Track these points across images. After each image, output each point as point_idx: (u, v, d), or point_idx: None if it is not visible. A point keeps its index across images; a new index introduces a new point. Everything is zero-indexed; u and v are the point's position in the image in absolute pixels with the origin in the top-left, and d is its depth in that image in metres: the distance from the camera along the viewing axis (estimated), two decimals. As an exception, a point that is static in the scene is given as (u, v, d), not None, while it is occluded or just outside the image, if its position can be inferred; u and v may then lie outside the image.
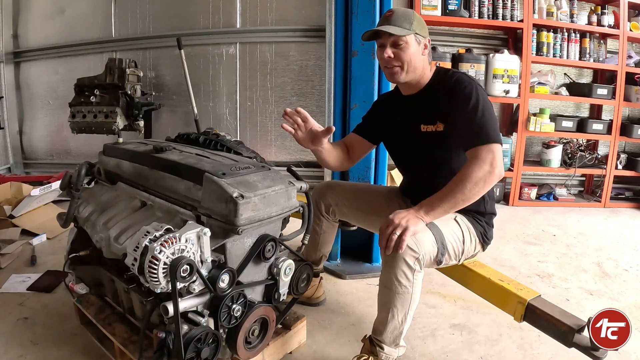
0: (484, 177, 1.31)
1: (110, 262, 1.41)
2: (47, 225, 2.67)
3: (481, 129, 1.35)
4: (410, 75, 1.47)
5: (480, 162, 1.32)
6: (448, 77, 1.46)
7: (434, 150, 1.49)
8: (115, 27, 3.94)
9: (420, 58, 1.46)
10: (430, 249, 1.33)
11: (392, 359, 1.39)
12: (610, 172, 3.63)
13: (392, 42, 1.43)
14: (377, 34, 1.45)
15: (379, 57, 1.50)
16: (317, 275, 1.90)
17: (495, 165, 1.33)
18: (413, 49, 1.43)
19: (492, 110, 1.40)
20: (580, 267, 2.40)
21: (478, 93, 1.38)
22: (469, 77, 1.44)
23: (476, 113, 1.36)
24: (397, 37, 1.41)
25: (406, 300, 1.32)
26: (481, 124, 1.35)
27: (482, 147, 1.33)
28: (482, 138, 1.34)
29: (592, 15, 3.58)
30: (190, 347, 1.12)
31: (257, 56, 3.76)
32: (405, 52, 1.43)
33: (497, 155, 1.34)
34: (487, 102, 1.39)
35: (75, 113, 3.36)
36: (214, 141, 1.63)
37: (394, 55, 1.43)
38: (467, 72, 1.51)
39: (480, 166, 1.32)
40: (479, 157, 1.33)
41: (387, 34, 1.42)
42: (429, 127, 1.47)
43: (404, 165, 1.69)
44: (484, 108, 1.36)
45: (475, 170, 1.31)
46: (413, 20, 1.44)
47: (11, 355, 1.51)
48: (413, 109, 1.53)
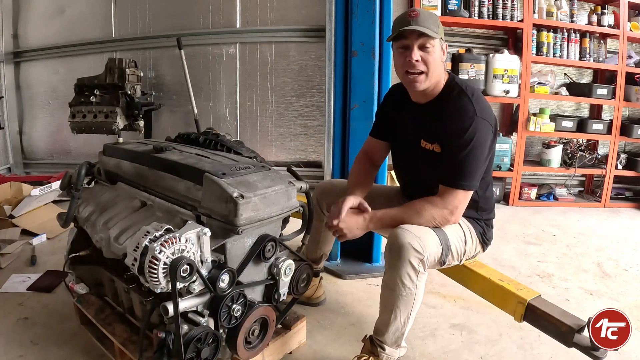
0: (439, 219, 1.35)
1: (110, 262, 1.41)
2: (47, 225, 2.67)
3: (458, 170, 1.32)
4: (430, 82, 1.37)
5: (443, 204, 1.34)
6: (458, 97, 1.37)
7: (430, 167, 1.44)
8: (115, 27, 3.93)
9: (441, 65, 1.38)
10: (435, 250, 1.33)
11: (393, 359, 1.39)
12: (610, 172, 3.63)
13: (420, 44, 1.32)
14: (400, 35, 1.33)
15: (400, 61, 1.37)
16: (317, 275, 1.89)
17: (455, 213, 1.35)
18: (438, 54, 1.35)
19: (483, 151, 1.34)
20: (580, 267, 2.40)
21: (476, 130, 1.31)
22: (476, 106, 1.33)
23: (462, 150, 1.31)
24: (427, 38, 1.31)
25: (409, 302, 1.31)
26: (462, 164, 1.32)
27: (450, 190, 1.34)
28: (455, 180, 1.33)
29: (592, 15, 3.58)
30: (190, 347, 1.12)
31: (257, 56, 3.76)
32: (432, 56, 1.33)
33: (462, 204, 1.34)
34: (480, 142, 1.31)
35: (75, 113, 3.36)
36: (214, 141, 1.63)
37: (421, 59, 1.33)
38: (478, 94, 1.39)
39: (440, 209, 1.34)
40: (443, 199, 1.34)
41: (415, 35, 1.31)
42: (428, 145, 1.43)
43: (400, 169, 1.67)
44: (473, 147, 1.31)
45: (433, 210, 1.34)
46: (439, 23, 1.36)
47: (11, 355, 1.51)
48: (418, 120, 1.47)
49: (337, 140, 2.24)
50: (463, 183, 1.33)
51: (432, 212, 1.34)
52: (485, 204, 1.52)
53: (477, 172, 1.34)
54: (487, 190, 1.52)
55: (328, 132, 3.01)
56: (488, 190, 1.53)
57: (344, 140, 2.22)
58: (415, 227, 1.32)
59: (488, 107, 1.37)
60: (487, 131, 1.33)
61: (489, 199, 1.54)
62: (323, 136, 3.52)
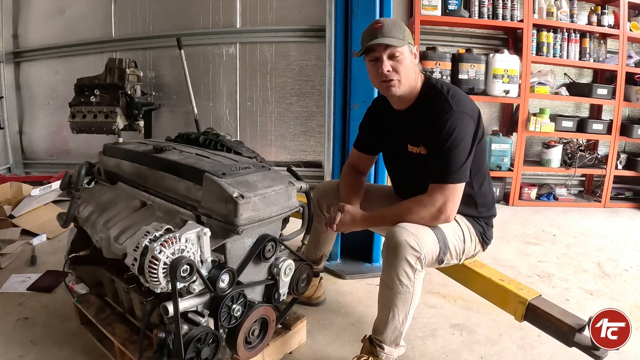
0: (429, 218, 1.36)
1: (110, 262, 1.41)
2: (47, 225, 2.67)
3: (443, 166, 1.33)
4: (405, 87, 1.40)
5: (431, 203, 1.34)
6: (435, 97, 1.39)
7: (419, 170, 1.46)
8: (115, 27, 3.94)
9: (413, 68, 1.41)
10: (432, 248, 1.34)
11: (392, 358, 1.39)
12: (610, 172, 3.63)
13: (389, 54, 1.36)
14: (369, 49, 1.37)
15: (373, 73, 1.41)
16: (317, 275, 1.90)
17: (444, 210, 1.34)
18: (408, 60, 1.38)
19: (466, 143, 1.34)
20: (580, 267, 2.40)
21: (455, 124, 1.32)
22: (452, 102, 1.35)
23: (443, 146, 1.32)
24: (394, 48, 1.35)
25: (407, 300, 1.32)
26: (446, 159, 1.33)
27: (437, 186, 1.34)
28: (441, 176, 1.34)
29: (592, 15, 3.58)
30: (190, 347, 1.12)
31: (257, 56, 3.76)
32: (402, 64, 1.36)
33: (450, 199, 1.34)
34: (462, 134, 1.32)
35: (75, 113, 3.36)
36: (214, 141, 1.63)
37: (392, 68, 1.37)
38: (457, 85, 1.41)
39: (429, 208, 1.34)
40: (431, 197, 1.35)
41: (382, 47, 1.35)
42: (414, 149, 1.46)
43: (392, 175, 1.70)
44: (454, 141, 1.32)
45: (422, 210, 1.35)
46: (404, 29, 1.38)
47: (11, 355, 1.51)
48: (402, 126, 1.50)
49: (337, 140, 2.25)
50: (449, 177, 1.34)
51: (420, 212, 1.35)
52: (482, 199, 1.52)
53: (463, 165, 1.34)
54: (483, 185, 1.52)
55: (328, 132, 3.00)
56: (484, 185, 1.52)
57: (344, 140, 2.22)
58: (413, 225, 1.32)
59: (466, 101, 1.39)
60: (468, 123, 1.35)
61: (486, 194, 1.54)
62: (323, 136, 3.53)
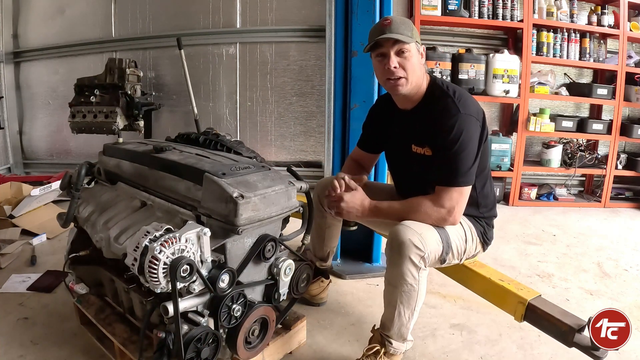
0: (437, 219, 1.36)
1: (110, 262, 1.41)
2: (47, 225, 2.67)
3: (451, 169, 1.33)
4: (411, 86, 1.40)
5: (439, 205, 1.34)
6: (441, 98, 1.38)
7: (423, 170, 1.45)
8: (115, 27, 3.93)
9: (420, 68, 1.40)
10: (436, 247, 1.34)
11: (400, 352, 1.41)
12: (610, 172, 3.63)
13: (397, 50, 1.35)
14: (376, 44, 1.37)
15: (379, 69, 1.41)
16: (327, 277, 1.90)
17: (453, 213, 1.34)
18: (415, 58, 1.38)
19: (473, 146, 1.34)
20: (580, 267, 2.40)
21: (462, 127, 1.32)
22: (459, 104, 1.34)
23: (451, 149, 1.32)
24: (402, 44, 1.34)
25: (412, 298, 1.33)
26: (453, 162, 1.33)
27: (445, 189, 1.34)
28: (448, 179, 1.34)
29: (592, 15, 3.58)
30: (190, 347, 1.12)
31: (257, 56, 3.76)
32: (409, 61, 1.36)
33: (459, 203, 1.34)
34: (469, 137, 1.32)
35: (75, 113, 3.36)
36: (214, 141, 1.63)
37: (399, 65, 1.36)
38: (464, 87, 1.40)
39: (438, 210, 1.34)
40: (440, 200, 1.35)
41: (390, 43, 1.35)
42: (419, 149, 1.45)
43: (395, 174, 1.69)
44: (462, 144, 1.31)
45: (431, 211, 1.35)
46: (413, 27, 1.38)
47: (11, 355, 1.51)
48: (406, 126, 1.50)
49: (337, 140, 2.25)
50: (457, 180, 1.33)
51: (428, 210, 1.35)
52: (484, 200, 1.52)
53: (470, 168, 1.35)
54: (485, 186, 1.52)
55: (328, 132, 3.01)
56: (486, 186, 1.52)
57: (344, 140, 2.22)
58: (416, 224, 1.32)
59: (472, 103, 1.38)
60: (474, 126, 1.35)
61: (488, 195, 1.54)
62: (323, 136, 3.53)
